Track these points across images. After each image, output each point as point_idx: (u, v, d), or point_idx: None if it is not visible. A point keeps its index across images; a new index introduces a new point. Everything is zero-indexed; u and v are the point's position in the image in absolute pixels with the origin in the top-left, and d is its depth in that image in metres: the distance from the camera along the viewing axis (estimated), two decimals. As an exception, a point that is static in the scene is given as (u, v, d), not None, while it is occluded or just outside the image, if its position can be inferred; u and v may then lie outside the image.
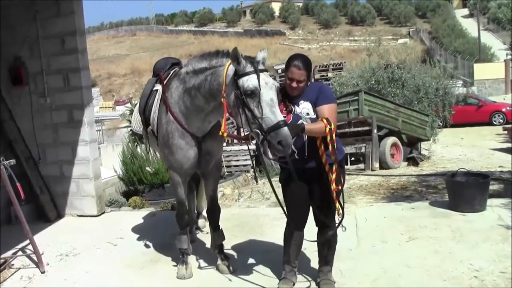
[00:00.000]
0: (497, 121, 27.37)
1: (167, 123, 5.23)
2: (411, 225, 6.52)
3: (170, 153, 5.26)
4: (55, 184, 8.36)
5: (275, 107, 4.24)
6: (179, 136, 5.16)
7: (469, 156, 16.69)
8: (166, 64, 5.98)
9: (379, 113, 14.53)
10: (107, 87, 61.15)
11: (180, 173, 5.37)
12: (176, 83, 5.23)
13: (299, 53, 4.87)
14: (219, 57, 4.77)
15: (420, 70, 19.87)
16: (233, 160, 13.97)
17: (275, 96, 4.33)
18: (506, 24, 53.46)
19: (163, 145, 5.37)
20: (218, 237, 5.65)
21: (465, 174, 7.45)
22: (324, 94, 4.56)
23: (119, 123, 29.65)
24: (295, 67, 4.47)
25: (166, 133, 5.24)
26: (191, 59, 5.28)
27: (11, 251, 6.49)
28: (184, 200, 5.58)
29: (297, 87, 4.52)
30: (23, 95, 8.30)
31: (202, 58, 4.98)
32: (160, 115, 5.38)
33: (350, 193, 9.57)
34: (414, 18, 74.64)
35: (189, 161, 5.24)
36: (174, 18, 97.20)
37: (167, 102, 5.24)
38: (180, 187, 5.46)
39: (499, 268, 4.98)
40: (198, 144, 5.20)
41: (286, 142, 4.12)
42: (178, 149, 5.18)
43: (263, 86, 4.27)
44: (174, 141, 5.18)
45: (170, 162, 5.38)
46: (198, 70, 4.91)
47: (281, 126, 4.13)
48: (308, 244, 4.99)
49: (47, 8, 8.05)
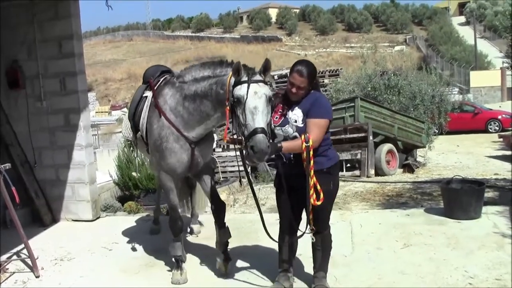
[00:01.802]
0: (492, 128, 27.45)
1: (160, 128, 5.29)
2: (406, 232, 6.52)
3: (163, 157, 5.31)
4: (50, 188, 8.34)
5: (257, 115, 4.35)
6: (173, 140, 5.22)
7: (464, 163, 16.73)
8: (156, 71, 6.07)
9: (375, 120, 14.57)
10: (103, 92, 61.13)
11: (172, 177, 5.42)
12: (171, 90, 5.33)
13: (306, 60, 4.86)
14: (223, 67, 4.92)
15: (416, 77, 19.97)
16: (228, 166, 13.97)
17: (262, 105, 4.41)
18: (503, 32, 53.68)
19: (154, 150, 5.43)
20: (224, 235, 5.65)
21: (460, 181, 7.46)
22: (317, 106, 4.54)
23: (115, 128, 29.68)
24: (298, 73, 4.49)
25: (158, 137, 5.29)
26: (189, 68, 5.41)
27: (5, 255, 6.46)
28: (177, 205, 5.62)
29: (296, 93, 4.54)
30: (19, 98, 8.28)
31: (204, 66, 5.15)
32: (151, 121, 5.43)
33: (345, 200, 9.60)
34: (410, 25, 74.92)
35: (182, 165, 5.32)
36: (171, 23, 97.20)
37: (160, 108, 5.30)
38: (172, 193, 5.51)
39: (493, 275, 4.99)
40: (191, 149, 5.28)
41: (258, 148, 4.21)
42: (171, 153, 5.25)
43: (251, 95, 4.41)
44: (168, 145, 5.24)
45: (161, 166, 5.41)
46: (199, 78, 5.06)
47: (256, 133, 4.25)
48: (304, 249, 5.00)
49: (45, 11, 8.03)
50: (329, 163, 4.58)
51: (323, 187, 4.46)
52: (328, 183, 4.55)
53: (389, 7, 78.87)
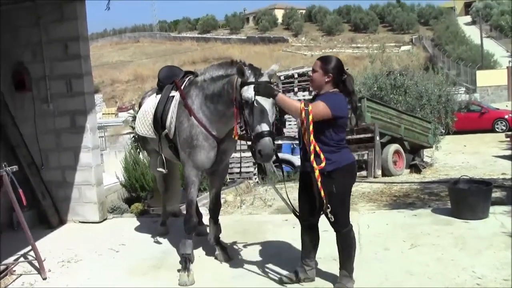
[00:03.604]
0: (499, 128, 27.37)
1: (190, 127, 5.56)
2: (414, 232, 6.50)
3: (194, 154, 5.56)
4: (57, 190, 8.36)
5: (264, 118, 4.64)
6: (203, 138, 5.50)
7: (471, 163, 16.65)
8: (172, 72, 6.40)
9: (381, 120, 14.50)
10: (110, 94, 61.29)
11: (199, 172, 5.65)
12: (195, 90, 5.65)
13: (330, 56, 4.91)
14: (233, 66, 5.15)
15: (422, 77, 19.86)
16: (235, 167, 13.93)
17: (268, 107, 4.65)
18: (509, 31, 53.57)
19: (185, 147, 5.63)
20: (217, 230, 6.19)
21: (467, 181, 7.43)
22: (323, 97, 4.64)
23: (121, 129, 29.66)
24: (318, 59, 4.75)
25: (190, 135, 5.55)
26: (208, 67, 5.73)
27: (13, 257, 6.48)
28: (195, 201, 5.83)
29: (312, 78, 4.75)
30: (26, 100, 8.30)
31: (220, 66, 5.46)
32: (181, 120, 5.68)
33: (352, 200, 9.48)
34: (417, 25, 74.88)
35: (210, 161, 5.60)
36: (177, 24, 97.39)
37: (189, 107, 5.57)
38: (194, 187, 5.68)
39: (501, 275, 4.97)
40: (218, 145, 5.58)
41: (264, 152, 4.55)
42: (202, 150, 5.52)
43: (259, 97, 4.64)
44: (199, 143, 5.51)
45: (191, 161, 5.60)
46: (216, 77, 5.37)
47: (263, 136, 4.52)
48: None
49: (50, 13, 8.05)
50: (330, 167, 4.59)
51: (325, 189, 4.53)
52: (330, 186, 4.59)
53: (395, 7, 78.78)
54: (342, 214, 4.77)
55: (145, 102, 6.57)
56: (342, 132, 4.71)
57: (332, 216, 4.63)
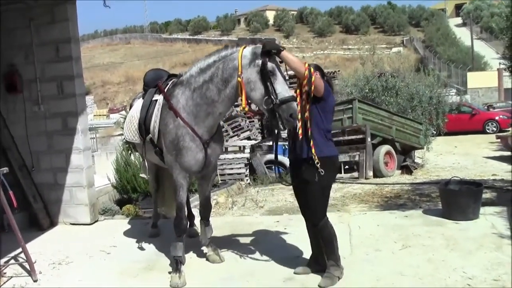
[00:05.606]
0: (490, 129, 27.55)
1: (176, 128, 5.51)
2: (405, 233, 6.52)
3: (180, 156, 5.51)
4: (48, 192, 8.33)
5: (285, 84, 4.95)
6: (189, 139, 5.47)
7: (462, 164, 16.73)
8: (157, 75, 6.37)
9: (373, 122, 14.53)
10: (101, 95, 61.02)
11: (187, 174, 5.62)
12: (180, 89, 5.61)
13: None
14: (228, 49, 5.33)
15: (414, 78, 19.98)
16: (227, 169, 13.95)
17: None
18: (499, 33, 53.70)
19: (171, 149, 5.57)
20: (209, 231, 6.18)
21: (458, 182, 7.46)
22: None
23: (113, 131, 29.64)
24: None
25: (176, 137, 5.51)
26: (194, 63, 5.71)
27: (3, 259, 6.45)
28: (184, 204, 5.77)
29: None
30: (17, 102, 8.28)
31: (209, 56, 5.52)
32: (166, 122, 5.62)
33: (343, 201, 9.59)
34: (408, 27, 75.06)
35: (197, 163, 5.56)
36: (169, 26, 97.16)
37: (174, 108, 5.52)
38: (182, 190, 5.66)
39: (492, 276, 4.99)
40: (205, 148, 5.51)
41: (296, 115, 4.76)
42: (188, 151, 5.48)
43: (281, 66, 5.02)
44: (185, 144, 5.48)
45: (178, 164, 5.56)
46: (205, 67, 5.41)
47: (294, 100, 4.83)
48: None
49: (42, 15, 8.04)
50: (320, 153, 4.85)
51: (307, 176, 4.89)
52: (313, 174, 4.84)
53: (386, 9, 78.93)
54: (320, 206, 5.01)
55: (134, 106, 6.53)
56: (329, 121, 5.06)
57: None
